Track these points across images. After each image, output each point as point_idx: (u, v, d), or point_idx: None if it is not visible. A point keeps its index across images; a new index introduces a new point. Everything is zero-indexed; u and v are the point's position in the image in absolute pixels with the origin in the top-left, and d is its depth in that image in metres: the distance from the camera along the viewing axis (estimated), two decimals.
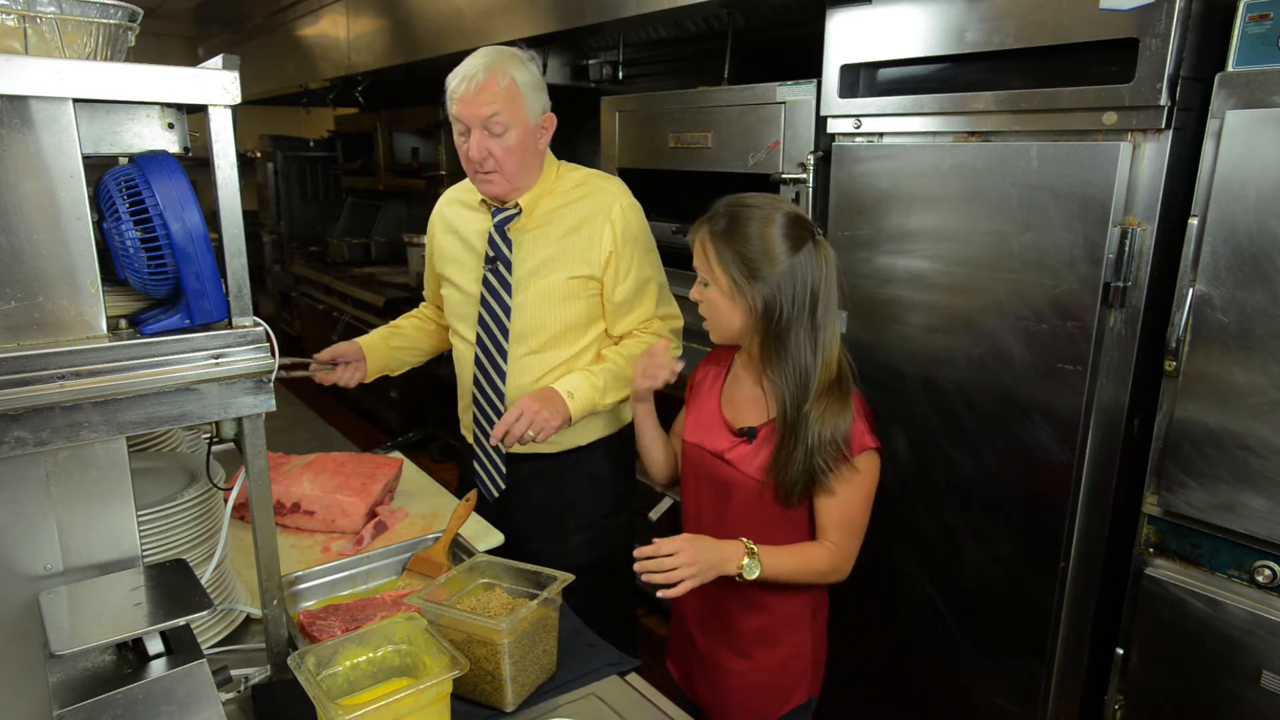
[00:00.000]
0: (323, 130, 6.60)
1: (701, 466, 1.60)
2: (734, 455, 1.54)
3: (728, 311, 1.49)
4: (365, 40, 4.49)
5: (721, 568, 1.41)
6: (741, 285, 1.45)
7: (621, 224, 1.82)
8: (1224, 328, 1.51)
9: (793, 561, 1.48)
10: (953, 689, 2.07)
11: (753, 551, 1.43)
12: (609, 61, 3.20)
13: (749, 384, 1.58)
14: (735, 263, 1.44)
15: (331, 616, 1.41)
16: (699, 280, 1.52)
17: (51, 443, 0.99)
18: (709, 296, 1.50)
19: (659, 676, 2.83)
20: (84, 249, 1.02)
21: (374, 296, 4.76)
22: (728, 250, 1.45)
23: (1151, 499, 1.67)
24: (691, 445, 1.63)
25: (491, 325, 1.84)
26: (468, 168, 1.81)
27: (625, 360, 1.84)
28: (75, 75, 0.96)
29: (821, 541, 1.51)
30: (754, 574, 1.42)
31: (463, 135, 1.77)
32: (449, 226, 1.95)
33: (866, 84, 2.12)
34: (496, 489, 1.91)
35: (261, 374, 1.11)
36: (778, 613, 1.59)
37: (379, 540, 1.76)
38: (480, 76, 1.70)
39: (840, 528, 1.50)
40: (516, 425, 1.68)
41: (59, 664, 0.97)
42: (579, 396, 1.76)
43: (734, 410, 1.60)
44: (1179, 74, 1.53)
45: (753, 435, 1.53)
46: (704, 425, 1.62)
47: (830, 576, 1.52)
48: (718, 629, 1.63)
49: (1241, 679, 1.56)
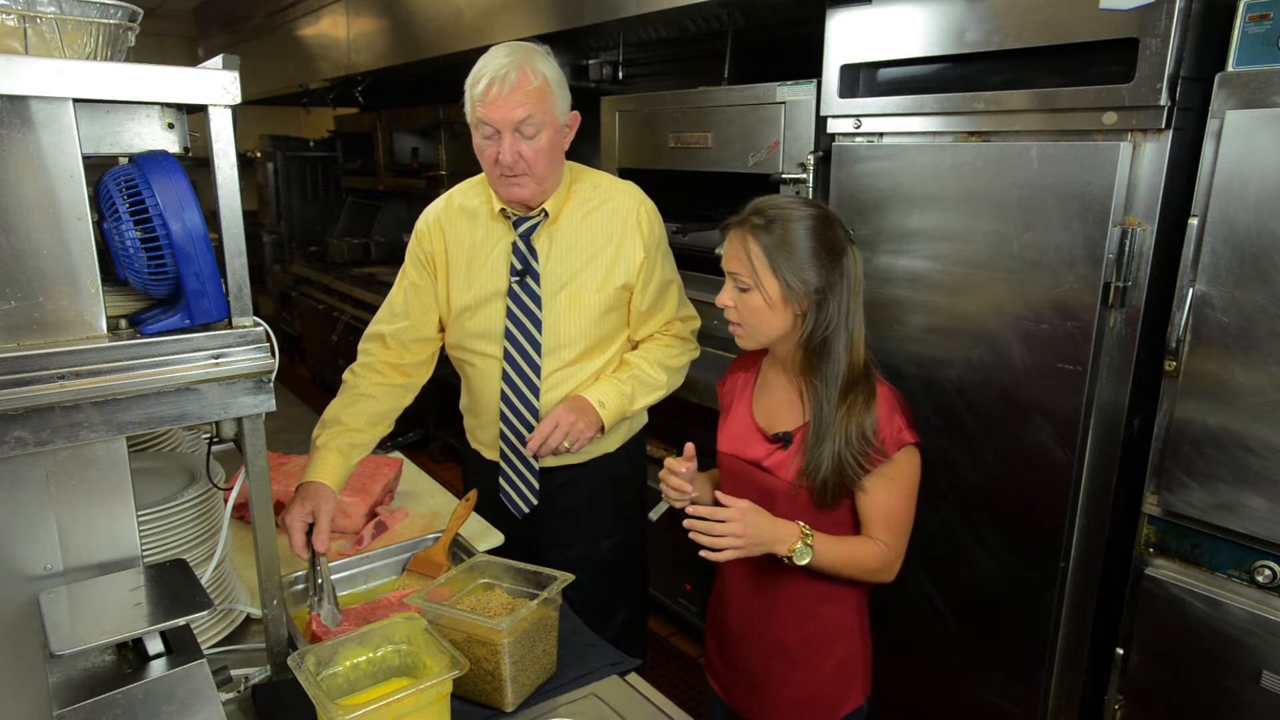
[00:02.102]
0: (323, 130, 6.60)
1: (740, 476, 1.56)
2: (771, 462, 1.51)
3: (770, 318, 1.44)
4: (365, 40, 4.50)
5: (772, 546, 1.39)
6: (795, 293, 1.40)
7: (648, 228, 1.80)
8: (1224, 328, 1.51)
9: (845, 552, 1.45)
10: (952, 688, 2.06)
11: (807, 538, 1.40)
12: (609, 61, 3.20)
13: (780, 388, 1.55)
14: (788, 269, 1.39)
15: (346, 622, 1.41)
16: (733, 285, 1.46)
17: (51, 443, 0.99)
18: (750, 302, 1.44)
19: (659, 676, 2.84)
20: (84, 249, 1.02)
21: (374, 297, 4.76)
22: (780, 256, 1.39)
23: (1151, 499, 1.67)
24: (727, 456, 1.59)
25: (521, 340, 1.76)
26: (492, 171, 1.69)
27: (650, 365, 1.83)
28: (75, 75, 0.96)
29: (872, 538, 1.48)
30: (804, 560, 1.40)
31: (489, 139, 1.66)
32: (458, 242, 1.80)
33: (866, 84, 2.12)
34: (527, 504, 1.85)
35: (261, 374, 1.11)
36: (827, 620, 1.55)
37: (379, 540, 1.76)
38: (513, 76, 1.61)
39: (885, 526, 1.47)
40: (553, 437, 1.66)
41: (59, 664, 0.97)
42: (610, 405, 1.74)
43: (766, 416, 1.56)
44: (1179, 74, 1.53)
45: (788, 440, 1.49)
46: (738, 434, 1.58)
47: (879, 575, 1.49)
48: (764, 640, 1.59)
49: (1241, 679, 1.56)
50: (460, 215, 1.81)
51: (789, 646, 1.57)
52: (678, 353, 1.89)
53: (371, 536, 1.76)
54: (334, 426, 1.70)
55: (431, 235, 1.82)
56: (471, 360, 1.83)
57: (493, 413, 1.83)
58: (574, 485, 1.88)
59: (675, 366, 1.89)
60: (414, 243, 1.84)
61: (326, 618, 1.38)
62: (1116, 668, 1.74)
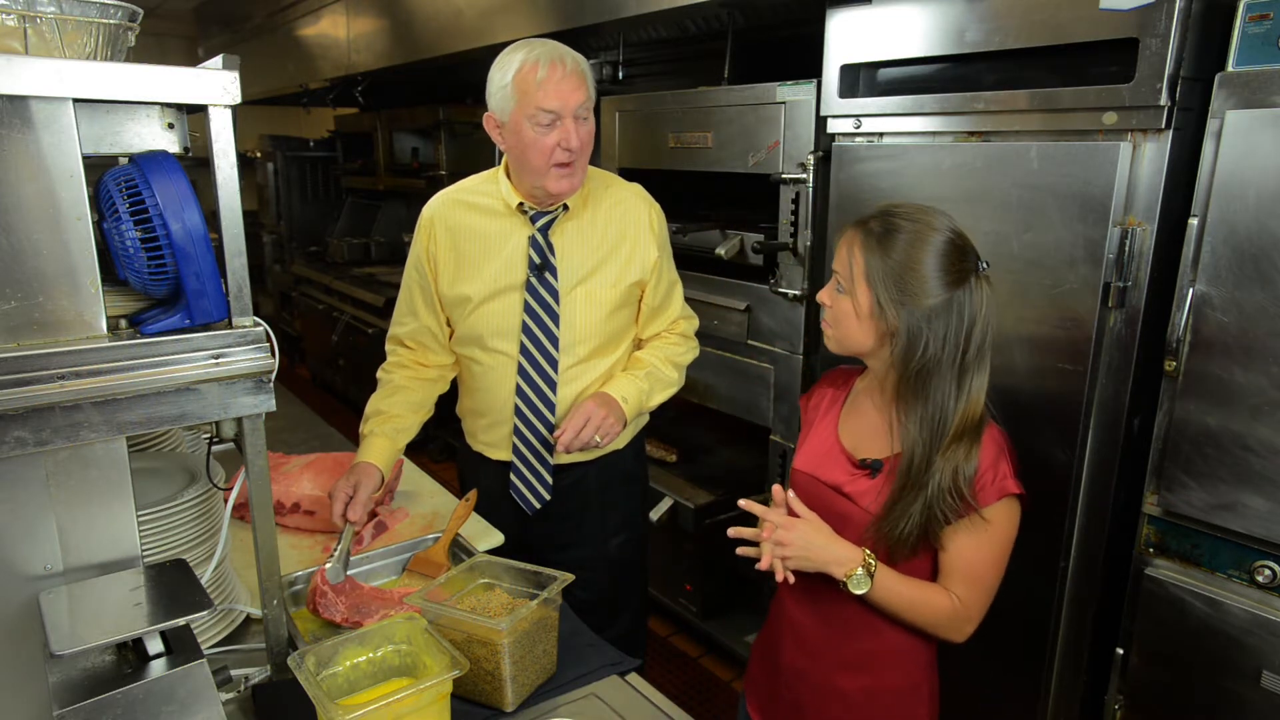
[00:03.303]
0: (323, 130, 6.60)
1: (816, 499, 1.40)
2: (853, 489, 1.37)
3: (856, 329, 1.33)
4: (365, 40, 4.50)
5: (828, 566, 1.29)
6: (886, 309, 1.28)
7: (658, 227, 1.84)
8: (1224, 328, 1.51)
9: (910, 595, 1.31)
10: (952, 689, 2.06)
11: (870, 565, 1.29)
12: (609, 61, 3.20)
13: (872, 411, 1.42)
14: (885, 282, 1.27)
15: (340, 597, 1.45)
16: (833, 284, 1.37)
17: (51, 443, 0.99)
18: (842, 306, 1.34)
19: (659, 676, 2.83)
20: (84, 249, 1.02)
21: (374, 297, 4.76)
22: (879, 265, 1.28)
23: (1151, 499, 1.67)
24: (804, 475, 1.45)
25: (540, 336, 1.75)
26: (542, 163, 1.64)
27: (663, 362, 1.85)
28: (75, 75, 0.96)
29: (946, 589, 1.33)
30: (862, 589, 1.28)
31: (547, 126, 1.61)
32: (464, 237, 1.77)
33: (866, 84, 2.12)
34: (539, 500, 1.85)
35: (261, 374, 1.11)
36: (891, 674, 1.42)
37: (379, 540, 1.76)
38: (568, 61, 1.61)
39: (965, 580, 1.31)
40: (586, 430, 1.67)
41: (59, 664, 0.97)
42: (631, 401, 1.76)
43: (853, 439, 1.43)
44: (1179, 74, 1.53)
45: (877, 469, 1.36)
46: (819, 454, 1.45)
47: (945, 630, 1.34)
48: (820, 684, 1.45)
49: (1241, 679, 1.56)
50: (468, 210, 1.78)
51: (846, 694, 1.43)
52: (684, 351, 1.93)
53: (371, 536, 1.76)
54: (377, 417, 1.78)
55: (434, 229, 1.80)
56: (481, 359, 1.81)
57: (502, 411, 1.82)
58: (583, 483, 1.89)
59: (684, 364, 1.92)
60: (415, 239, 1.83)
61: (331, 574, 1.47)
62: (1116, 668, 1.74)
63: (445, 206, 1.81)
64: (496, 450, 1.88)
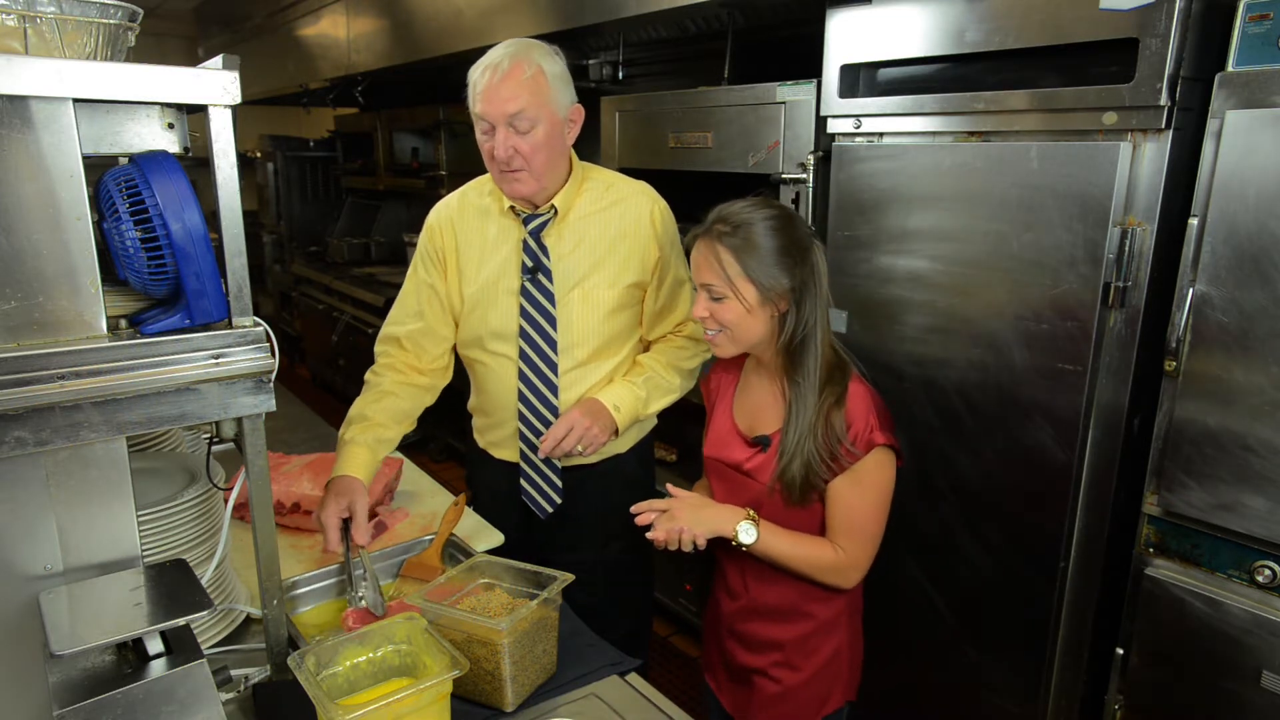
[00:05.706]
0: (323, 130, 6.60)
1: (725, 480, 1.58)
2: (751, 465, 1.52)
3: (750, 324, 1.44)
4: (365, 40, 4.50)
5: (718, 526, 1.46)
6: (771, 295, 1.41)
7: (662, 227, 1.80)
8: (1224, 328, 1.51)
9: (794, 546, 1.47)
10: (953, 689, 2.07)
11: (754, 520, 1.45)
12: (609, 61, 3.20)
13: (762, 389, 1.55)
14: (761, 273, 1.40)
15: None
16: (705, 295, 1.45)
17: (51, 443, 0.99)
18: (728, 311, 1.44)
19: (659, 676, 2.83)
20: (84, 249, 1.02)
21: (374, 297, 4.76)
22: (751, 261, 1.40)
23: (1151, 499, 1.67)
24: (711, 459, 1.61)
25: (536, 338, 1.75)
26: (492, 167, 1.69)
27: (664, 367, 1.83)
28: (75, 75, 0.96)
29: (831, 542, 1.48)
30: (749, 539, 1.45)
31: (486, 134, 1.65)
32: (469, 239, 1.78)
33: (866, 84, 2.12)
34: (550, 504, 1.84)
35: (261, 374, 1.11)
36: (817, 619, 1.56)
37: (378, 541, 1.76)
38: (505, 66, 1.59)
39: (845, 531, 1.47)
40: (567, 440, 1.67)
41: (59, 664, 0.97)
42: (625, 409, 1.74)
43: (747, 418, 1.56)
44: (1179, 74, 1.53)
45: (766, 444, 1.50)
46: (720, 437, 1.59)
47: (831, 576, 1.49)
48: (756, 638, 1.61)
49: (1241, 679, 1.56)
50: (472, 212, 1.80)
51: (779, 644, 1.58)
52: (690, 354, 1.89)
53: (371, 537, 1.76)
54: (360, 422, 1.72)
55: (443, 230, 1.80)
56: (484, 360, 1.82)
57: (506, 413, 1.82)
58: (586, 487, 1.88)
59: (688, 369, 1.88)
60: (424, 239, 1.83)
61: (374, 606, 1.42)
62: (1116, 668, 1.74)
63: (452, 208, 1.82)
64: (500, 449, 1.88)
